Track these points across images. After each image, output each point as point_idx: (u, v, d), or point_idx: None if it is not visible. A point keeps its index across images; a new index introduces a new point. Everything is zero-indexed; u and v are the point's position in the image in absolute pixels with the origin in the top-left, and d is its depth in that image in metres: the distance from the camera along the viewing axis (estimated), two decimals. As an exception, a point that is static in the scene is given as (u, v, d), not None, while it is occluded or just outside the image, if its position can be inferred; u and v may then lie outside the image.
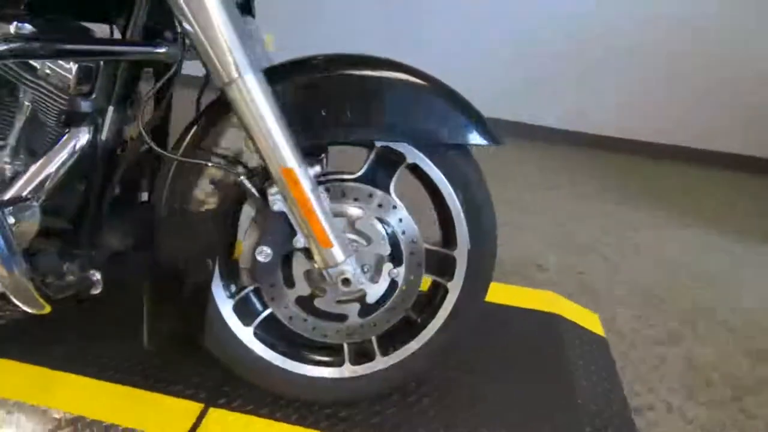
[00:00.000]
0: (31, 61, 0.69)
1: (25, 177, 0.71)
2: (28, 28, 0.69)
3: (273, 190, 0.66)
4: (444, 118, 0.72)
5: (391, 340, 0.87)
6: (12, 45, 0.62)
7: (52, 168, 0.71)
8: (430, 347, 0.86)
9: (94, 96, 0.70)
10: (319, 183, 0.72)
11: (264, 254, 0.69)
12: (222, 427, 0.85)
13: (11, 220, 0.64)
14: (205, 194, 0.68)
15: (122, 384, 0.90)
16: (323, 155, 0.74)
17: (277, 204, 0.66)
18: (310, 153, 0.72)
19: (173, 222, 0.69)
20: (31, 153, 0.74)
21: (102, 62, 0.70)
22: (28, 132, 0.75)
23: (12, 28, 0.68)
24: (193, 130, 0.68)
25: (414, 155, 0.75)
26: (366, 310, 0.81)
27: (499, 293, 1.23)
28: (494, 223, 0.84)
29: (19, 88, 0.72)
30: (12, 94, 0.74)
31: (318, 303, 0.78)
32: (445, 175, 0.77)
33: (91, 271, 0.75)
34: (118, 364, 0.94)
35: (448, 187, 0.77)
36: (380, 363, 0.86)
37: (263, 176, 0.68)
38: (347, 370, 0.85)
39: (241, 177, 0.65)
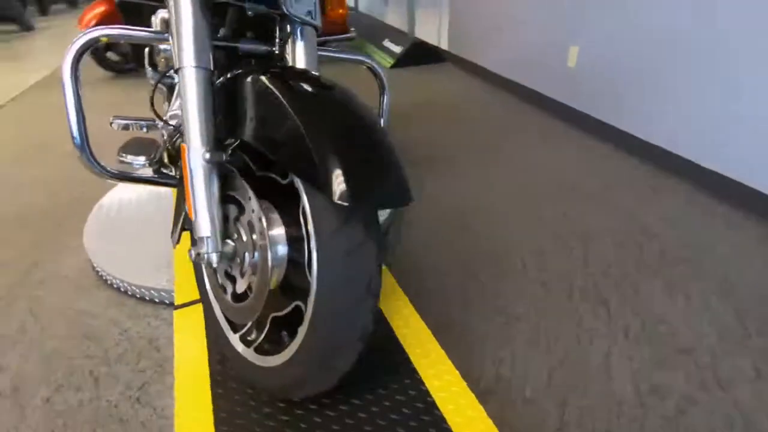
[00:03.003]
0: None
1: None
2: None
3: None
4: (329, 163, 0.65)
5: (267, 343, 0.89)
6: None
7: None
8: (279, 375, 0.83)
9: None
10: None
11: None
12: (186, 317, 1.17)
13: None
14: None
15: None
16: (231, 146, 0.82)
17: None
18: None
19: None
20: None
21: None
22: None
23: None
24: None
25: (298, 182, 0.72)
26: (235, 296, 0.87)
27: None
28: (363, 311, 0.70)
29: None
30: None
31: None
32: (312, 215, 0.69)
33: None
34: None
35: (311, 226, 0.70)
36: (249, 354, 0.91)
37: None
38: (232, 339, 0.95)
39: (178, 140, 0.86)
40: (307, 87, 0.74)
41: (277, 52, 1.00)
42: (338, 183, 0.62)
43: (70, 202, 1.87)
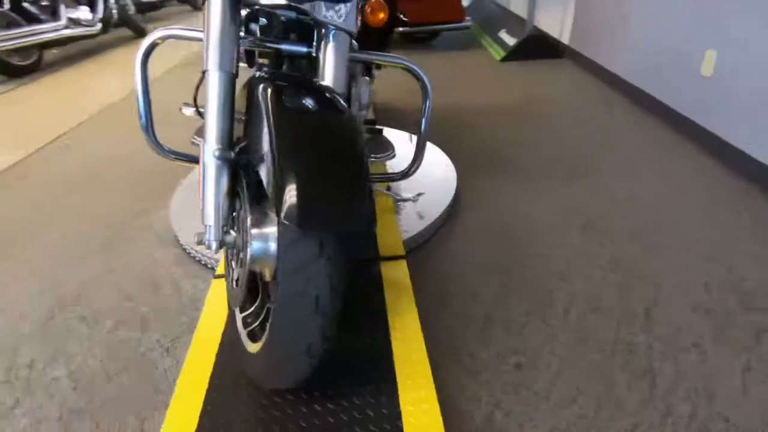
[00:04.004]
0: None
1: None
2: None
3: None
4: (287, 182, 0.67)
5: (259, 330, 0.96)
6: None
7: None
8: (253, 362, 0.89)
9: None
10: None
11: None
12: (220, 287, 1.30)
13: None
14: None
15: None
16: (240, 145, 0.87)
17: None
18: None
19: None
20: None
21: None
22: None
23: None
24: None
25: None
26: (233, 281, 0.94)
27: None
28: (310, 327, 0.73)
29: None
30: None
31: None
32: (279, 225, 0.72)
33: None
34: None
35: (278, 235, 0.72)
36: (243, 335, 0.98)
37: None
38: (237, 316, 1.04)
39: None
40: (300, 102, 0.75)
41: (314, 54, 1.03)
42: (289, 203, 0.63)
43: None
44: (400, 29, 4.12)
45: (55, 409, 1.05)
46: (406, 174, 1.29)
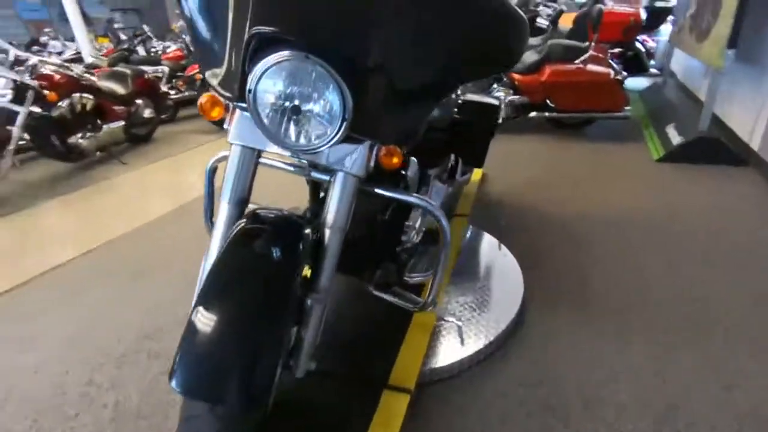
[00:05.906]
0: None
1: None
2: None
3: None
4: (186, 340, 0.75)
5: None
6: None
7: None
8: None
9: None
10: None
11: None
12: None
13: None
14: None
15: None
16: None
17: None
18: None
19: None
20: None
21: None
22: None
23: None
24: None
25: None
26: None
27: None
28: None
29: None
30: None
31: None
32: None
33: None
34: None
35: None
36: None
37: None
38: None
39: None
40: (247, 247, 0.81)
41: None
42: (177, 363, 0.69)
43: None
44: (547, 114, 3.95)
45: (91, 432, 1.31)
46: (421, 308, 1.22)
